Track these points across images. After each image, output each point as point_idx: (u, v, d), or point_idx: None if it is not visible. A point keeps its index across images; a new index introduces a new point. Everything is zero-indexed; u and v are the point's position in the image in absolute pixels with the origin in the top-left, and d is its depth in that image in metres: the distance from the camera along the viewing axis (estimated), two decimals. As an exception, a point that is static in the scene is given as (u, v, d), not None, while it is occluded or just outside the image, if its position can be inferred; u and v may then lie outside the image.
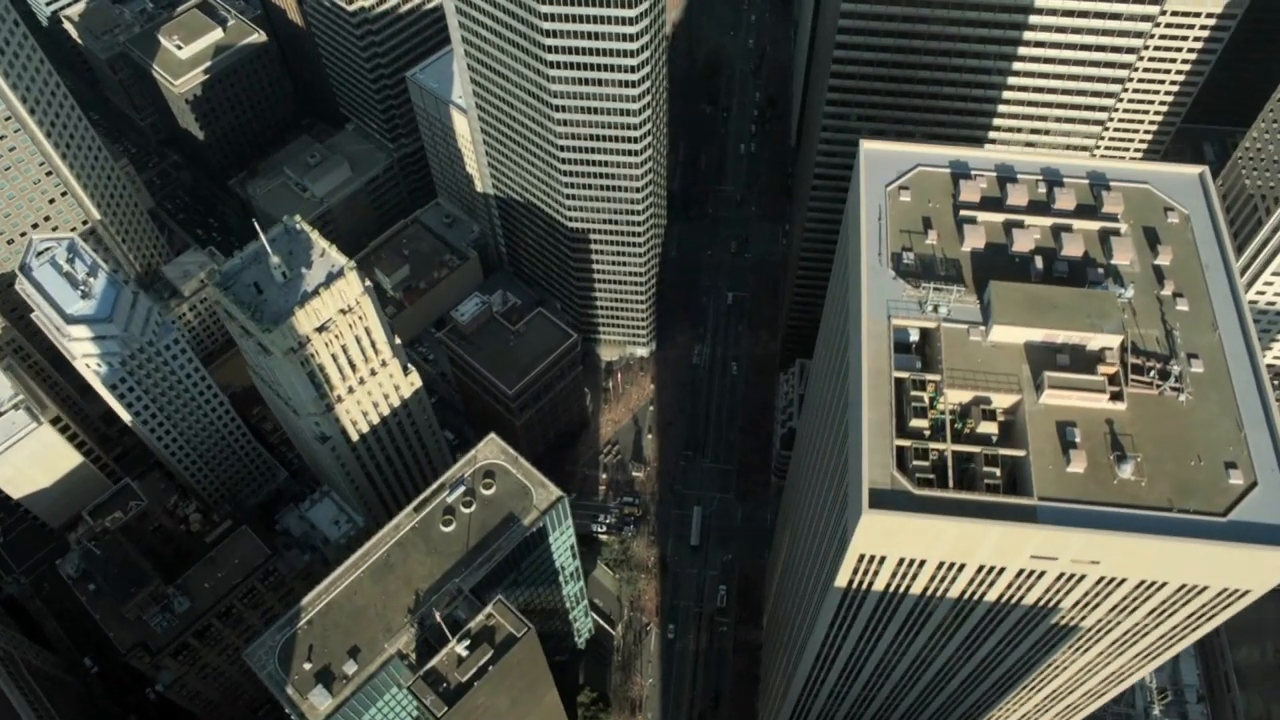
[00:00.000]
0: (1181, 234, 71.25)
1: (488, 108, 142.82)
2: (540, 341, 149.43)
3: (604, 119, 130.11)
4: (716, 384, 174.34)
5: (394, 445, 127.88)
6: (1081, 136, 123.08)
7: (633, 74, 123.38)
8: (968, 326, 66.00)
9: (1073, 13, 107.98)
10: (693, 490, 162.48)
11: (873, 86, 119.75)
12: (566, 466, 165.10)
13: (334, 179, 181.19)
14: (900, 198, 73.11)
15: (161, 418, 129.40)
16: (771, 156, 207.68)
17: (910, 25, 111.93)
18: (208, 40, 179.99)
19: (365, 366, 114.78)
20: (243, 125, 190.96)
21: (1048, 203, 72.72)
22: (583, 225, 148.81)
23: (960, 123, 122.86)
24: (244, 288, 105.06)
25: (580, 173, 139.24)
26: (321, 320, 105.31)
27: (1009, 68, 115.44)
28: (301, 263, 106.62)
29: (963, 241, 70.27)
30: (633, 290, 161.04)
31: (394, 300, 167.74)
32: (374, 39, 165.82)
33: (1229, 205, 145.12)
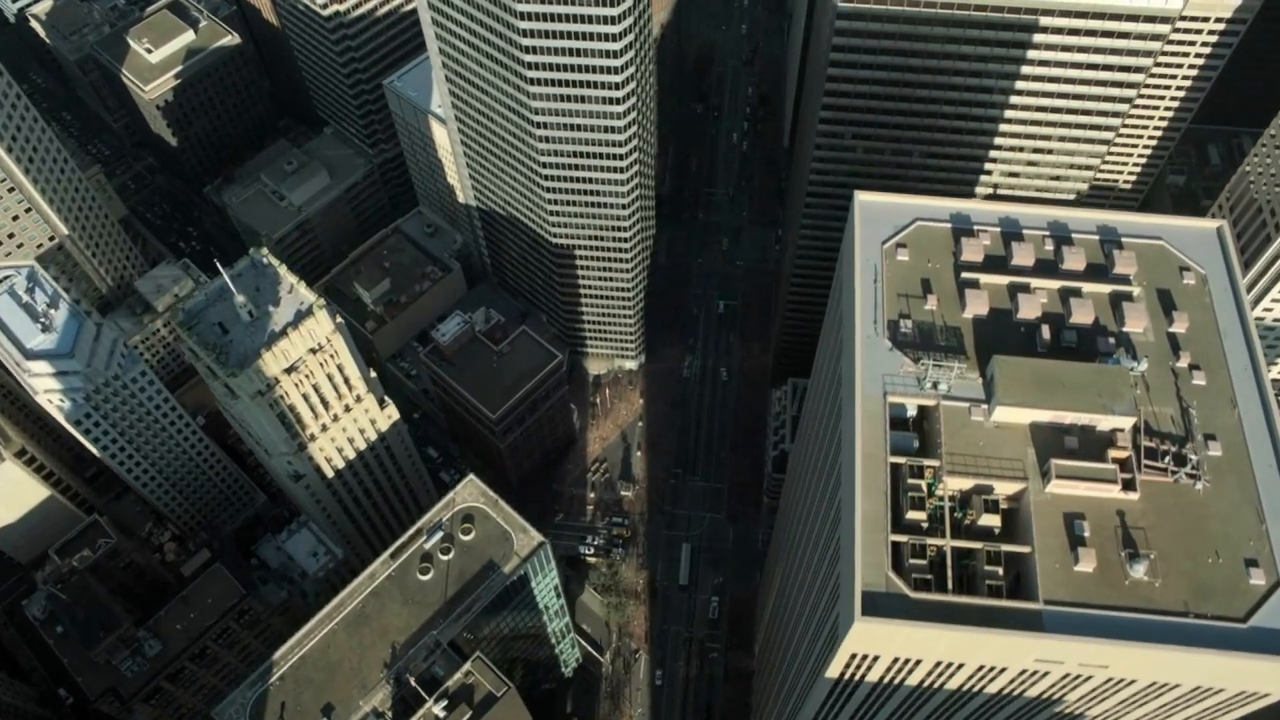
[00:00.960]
0: (1198, 297, 66.61)
1: (467, 121, 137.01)
2: (525, 361, 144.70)
3: (588, 136, 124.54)
4: (707, 398, 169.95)
5: (372, 479, 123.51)
6: (1086, 155, 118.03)
7: (617, 91, 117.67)
8: (969, 405, 61.53)
9: (1079, 31, 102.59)
10: (682, 510, 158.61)
11: (868, 105, 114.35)
12: (553, 485, 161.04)
13: (312, 187, 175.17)
14: (898, 257, 68.32)
15: (131, 449, 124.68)
16: (764, 157, 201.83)
17: (908, 43, 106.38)
18: (179, 43, 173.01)
19: (339, 403, 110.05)
20: (217, 131, 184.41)
21: (1055, 262, 68.06)
22: (567, 241, 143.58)
23: (960, 141, 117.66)
24: (208, 327, 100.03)
25: (563, 189, 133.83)
26: (290, 361, 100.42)
27: (1011, 86, 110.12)
28: (269, 299, 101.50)
29: (964, 308, 65.59)
30: (620, 305, 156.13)
31: (374, 315, 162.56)
32: (350, 43, 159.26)
33: (1236, 219, 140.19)
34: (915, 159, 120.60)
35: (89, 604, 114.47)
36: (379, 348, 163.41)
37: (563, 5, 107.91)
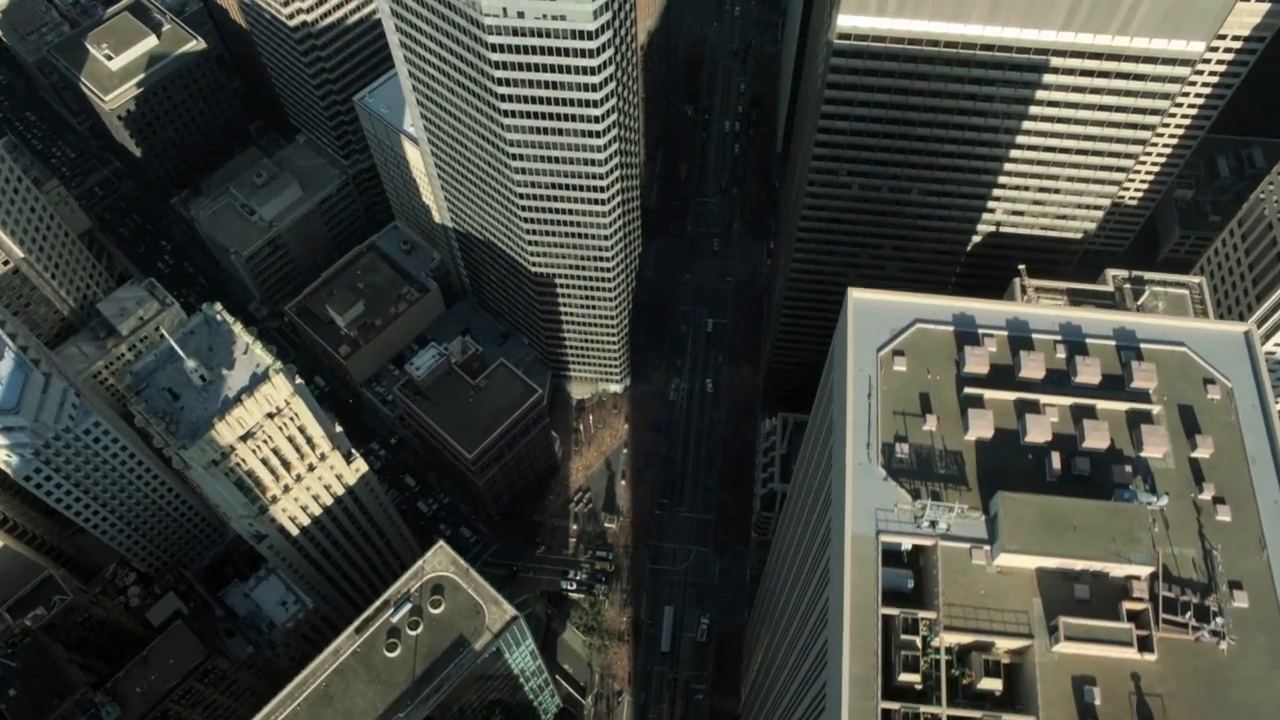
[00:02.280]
0: (1224, 415, 60.64)
1: (440, 145, 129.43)
2: (503, 396, 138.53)
3: (567, 168, 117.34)
4: (695, 423, 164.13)
5: (342, 532, 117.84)
6: (1095, 195, 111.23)
7: (597, 124, 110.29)
8: (970, 546, 55.76)
9: (1092, 72, 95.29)
10: (668, 543, 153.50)
11: (865, 142, 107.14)
12: (534, 517, 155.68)
13: (284, 200, 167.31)
14: (895, 366, 62.11)
15: (88, 499, 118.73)
16: (756, 165, 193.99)
17: (908, 81, 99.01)
18: (141, 49, 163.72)
19: (301, 464, 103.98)
20: (184, 140, 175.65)
21: (1068, 373, 61.90)
22: (547, 270, 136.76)
23: (962, 179, 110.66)
24: (158, 392, 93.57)
25: (542, 220, 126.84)
26: (246, 428, 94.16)
27: (1018, 126, 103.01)
28: (222, 361, 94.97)
29: (967, 429, 59.55)
30: (604, 331, 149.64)
31: (348, 339, 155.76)
32: (319, 53, 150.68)
33: (1249, 246, 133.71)
34: (914, 196, 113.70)
35: (43, 667, 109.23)
36: (353, 373, 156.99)
37: (538, 38, 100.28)
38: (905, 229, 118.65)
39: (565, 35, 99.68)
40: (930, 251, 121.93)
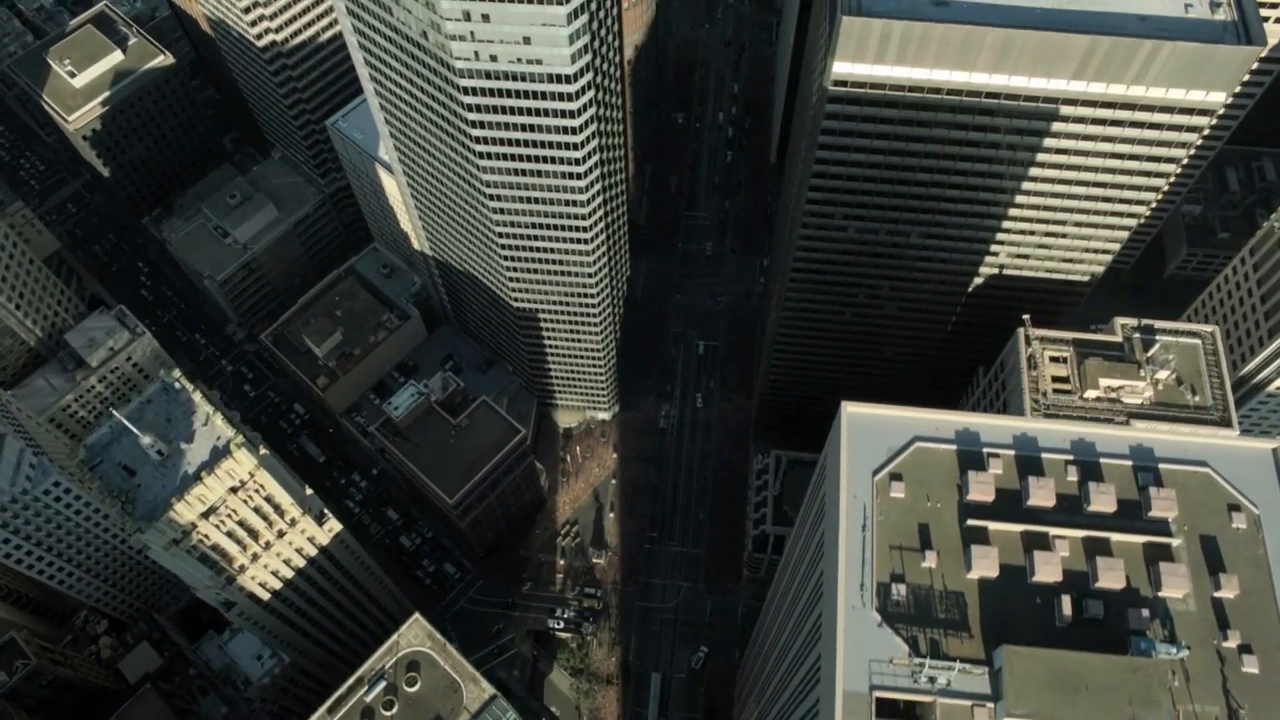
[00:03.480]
0: (1250, 547, 55.77)
1: (416, 179, 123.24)
2: (485, 437, 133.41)
3: (547, 209, 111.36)
4: (685, 452, 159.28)
5: (318, 590, 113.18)
6: (1105, 240, 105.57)
7: (578, 166, 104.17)
8: (972, 704, 51.12)
9: (1105, 121, 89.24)
10: (658, 579, 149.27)
11: (861, 187, 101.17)
12: (520, 552, 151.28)
13: (258, 221, 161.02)
14: (892, 493, 57.08)
15: (51, 557, 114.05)
16: (750, 177, 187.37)
17: (908, 128, 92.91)
18: (105, 65, 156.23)
19: (270, 531, 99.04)
20: (154, 157, 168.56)
21: (1080, 500, 56.92)
22: (530, 305, 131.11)
23: (964, 224, 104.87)
24: (113, 467, 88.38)
25: (522, 259, 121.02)
26: (208, 504, 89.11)
27: (1024, 172, 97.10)
28: (181, 435, 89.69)
29: (970, 567, 54.68)
30: (591, 362, 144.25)
31: (326, 369, 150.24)
32: (290, 73, 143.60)
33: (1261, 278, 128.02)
34: (914, 239, 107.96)
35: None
36: (332, 404, 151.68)
37: (513, 82, 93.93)
38: (904, 270, 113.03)
39: (542, 79, 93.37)
40: (930, 292, 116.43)
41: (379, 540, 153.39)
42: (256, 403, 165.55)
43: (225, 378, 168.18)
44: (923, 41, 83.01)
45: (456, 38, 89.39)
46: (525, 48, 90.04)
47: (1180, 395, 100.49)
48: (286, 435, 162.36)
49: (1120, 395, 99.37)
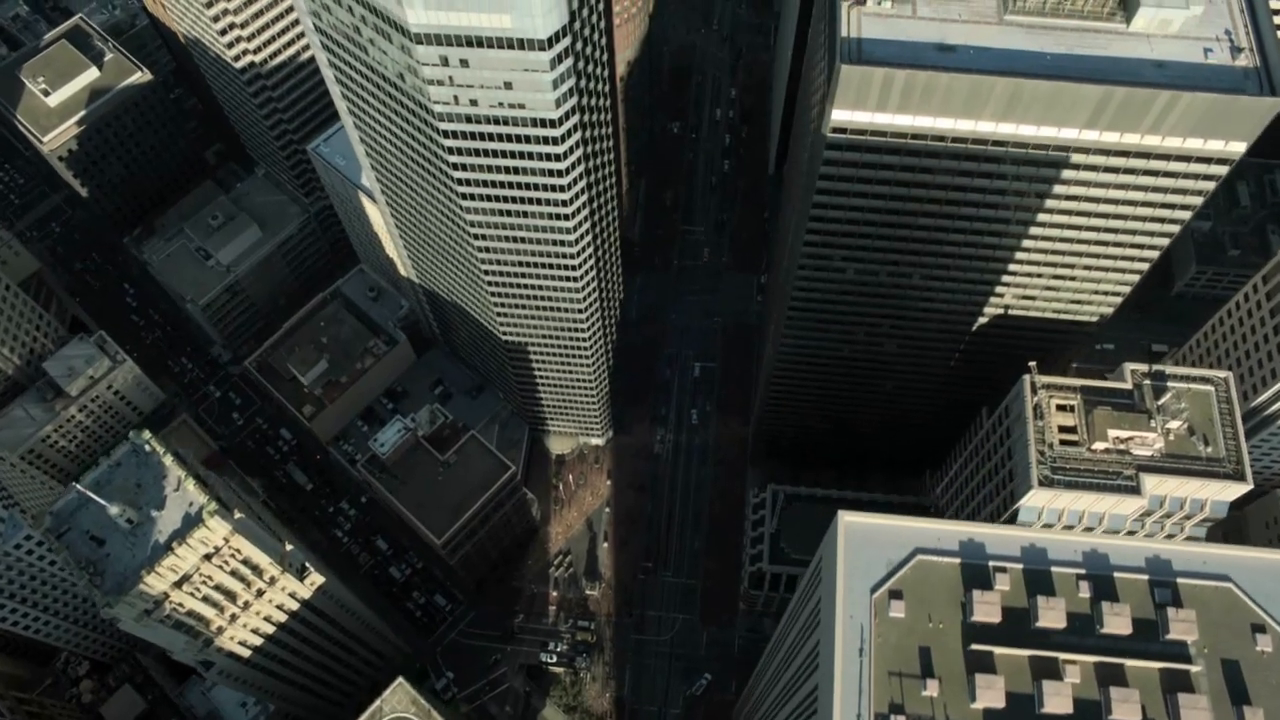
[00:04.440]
0: (1276, 674, 52.17)
1: (400, 212, 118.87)
2: (474, 474, 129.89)
3: (534, 248, 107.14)
4: (680, 479, 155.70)
5: (301, 640, 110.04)
6: (1115, 284, 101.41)
7: (565, 208, 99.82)
8: None
9: (1118, 170, 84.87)
10: (653, 611, 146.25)
11: (862, 230, 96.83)
12: (512, 583, 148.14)
13: (241, 243, 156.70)
14: (891, 612, 53.46)
15: (25, 609, 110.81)
16: (747, 188, 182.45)
17: (911, 174, 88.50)
18: (81, 82, 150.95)
19: (249, 591, 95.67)
20: (133, 177, 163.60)
21: (1092, 621, 53.30)
22: (519, 339, 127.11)
23: (968, 266, 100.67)
24: (80, 536, 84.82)
25: (510, 294, 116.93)
26: (181, 574, 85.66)
27: (1032, 218, 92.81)
28: (151, 501, 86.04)
29: (974, 697, 51.15)
30: (583, 392, 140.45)
31: (311, 397, 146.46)
32: (270, 94, 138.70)
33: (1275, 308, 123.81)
34: (916, 280, 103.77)
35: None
36: (318, 433, 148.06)
37: (495, 125, 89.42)
38: (906, 310, 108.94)
39: (526, 124, 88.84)
40: (933, 331, 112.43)
41: (368, 571, 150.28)
42: (243, 428, 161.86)
43: (212, 402, 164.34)
44: (926, 91, 78.52)
45: (434, 82, 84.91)
46: (507, 92, 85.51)
47: (1192, 446, 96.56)
48: (274, 461, 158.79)
49: (1130, 447, 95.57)
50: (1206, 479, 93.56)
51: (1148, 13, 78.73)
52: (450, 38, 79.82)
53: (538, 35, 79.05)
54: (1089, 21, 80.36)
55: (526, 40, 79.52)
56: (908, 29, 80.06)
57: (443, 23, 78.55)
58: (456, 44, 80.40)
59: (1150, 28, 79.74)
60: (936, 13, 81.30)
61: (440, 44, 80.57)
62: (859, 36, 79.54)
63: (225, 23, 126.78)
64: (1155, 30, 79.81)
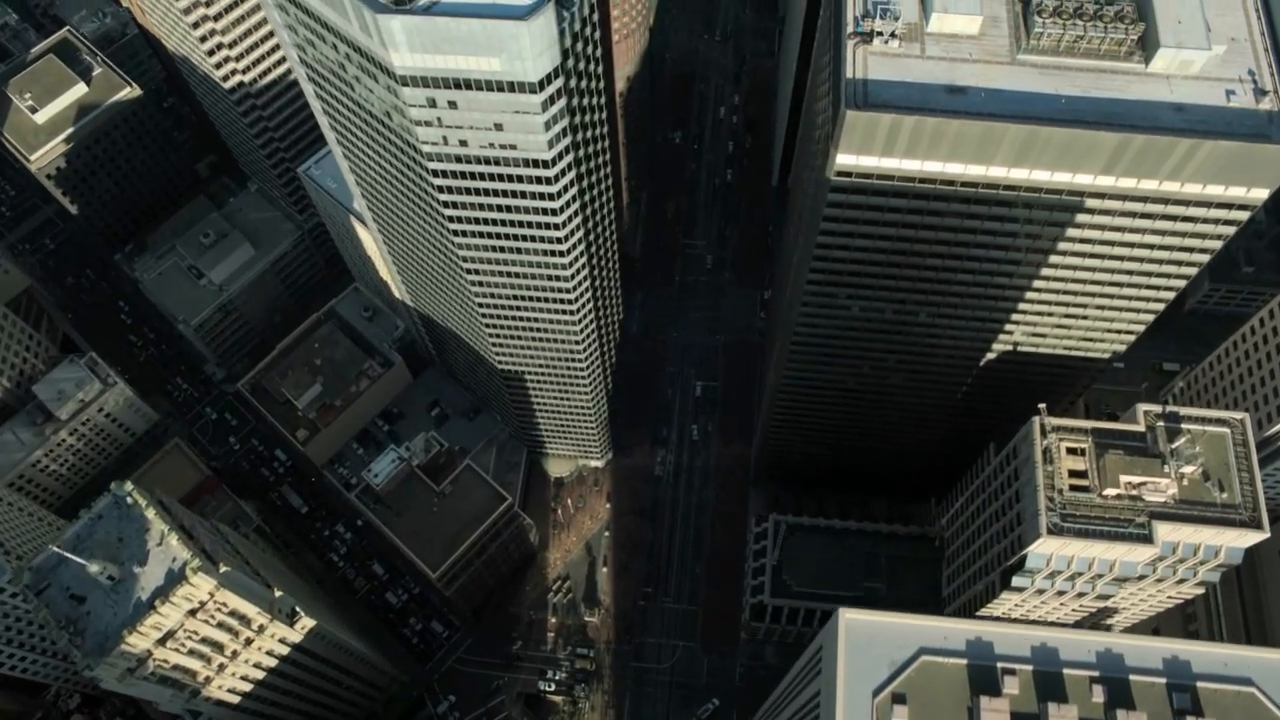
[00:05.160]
0: (1300, 788, 49.44)
1: (392, 239, 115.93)
2: (469, 505, 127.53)
3: (528, 282, 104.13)
4: (681, 503, 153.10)
5: (293, 682, 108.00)
6: (1128, 322, 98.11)
7: (560, 244, 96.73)
8: None
9: (1134, 214, 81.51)
10: (652, 638, 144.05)
11: (867, 270, 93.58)
12: (510, 609, 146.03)
13: (234, 261, 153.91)
14: (894, 716, 50.67)
15: (11, 650, 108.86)
16: (750, 200, 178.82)
17: (919, 217, 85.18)
18: (69, 98, 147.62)
19: (236, 641, 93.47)
20: (123, 193, 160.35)
21: (1107, 729, 50.56)
22: (515, 368, 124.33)
23: (977, 304, 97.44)
24: (60, 593, 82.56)
25: (505, 326, 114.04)
26: (164, 631, 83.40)
27: (1044, 260, 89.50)
28: (134, 556, 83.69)
29: (983, 815, 48.45)
30: (581, 418, 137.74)
31: (305, 421, 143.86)
32: (260, 113, 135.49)
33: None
34: (923, 318, 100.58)
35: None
36: (313, 457, 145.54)
37: (485, 165, 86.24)
38: (912, 345, 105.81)
39: (518, 164, 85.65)
40: (940, 365, 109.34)
41: (364, 596, 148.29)
42: (237, 449, 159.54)
43: (206, 422, 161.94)
44: (935, 136, 75.11)
45: (422, 123, 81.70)
46: (497, 134, 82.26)
47: (1207, 492, 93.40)
48: (268, 483, 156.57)
49: (1142, 493, 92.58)
50: (1221, 527, 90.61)
51: (1168, 53, 75.09)
52: (438, 80, 76.60)
53: (529, 78, 75.77)
54: (1106, 61, 76.75)
55: (517, 83, 76.22)
56: (916, 69, 76.55)
57: (429, 65, 75.29)
58: (444, 86, 77.19)
59: (1170, 69, 76.13)
60: (946, 51, 77.76)
61: (427, 86, 77.36)
62: (865, 78, 76.04)
63: (213, 43, 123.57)
64: (1175, 71, 76.20)
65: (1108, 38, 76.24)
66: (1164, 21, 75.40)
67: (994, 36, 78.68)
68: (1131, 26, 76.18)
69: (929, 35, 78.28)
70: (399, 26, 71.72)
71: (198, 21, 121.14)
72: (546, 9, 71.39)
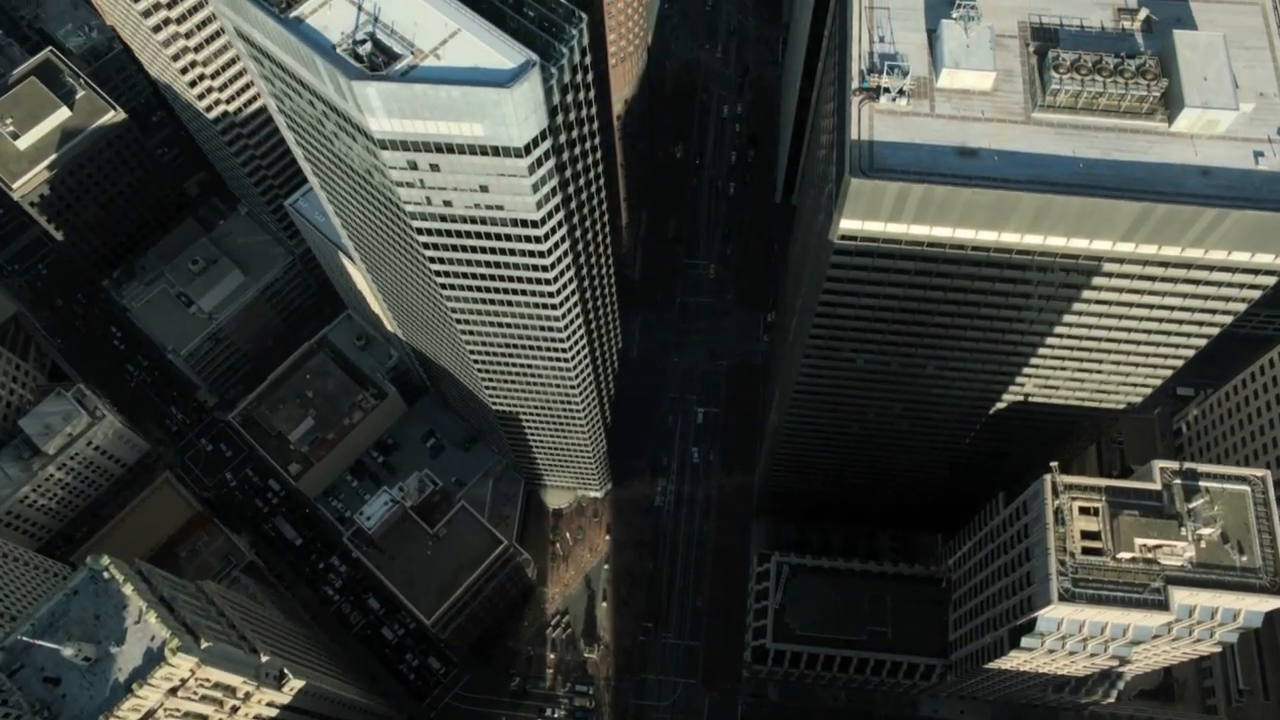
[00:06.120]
0: None
1: (382, 283, 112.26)
2: (465, 548, 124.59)
3: (520, 333, 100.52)
4: (682, 533, 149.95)
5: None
6: (1145, 376, 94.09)
7: (552, 298, 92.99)
8: None
9: (1155, 278, 77.37)
10: (653, 674, 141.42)
11: (872, 326, 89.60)
12: (508, 644, 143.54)
13: (224, 289, 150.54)
14: None
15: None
16: (754, 218, 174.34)
17: (926, 279, 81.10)
18: (51, 123, 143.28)
19: (222, 710, 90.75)
20: (109, 217, 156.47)
21: None
22: (509, 409, 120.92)
23: (986, 359, 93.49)
24: (34, 674, 79.75)
25: (498, 371, 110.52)
26: (144, 711, 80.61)
27: (1057, 319, 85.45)
28: (111, 635, 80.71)
29: None
30: (578, 453, 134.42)
31: (298, 455, 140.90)
32: (246, 142, 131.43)
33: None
34: (930, 370, 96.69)
35: None
36: (305, 491, 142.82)
37: (472, 224, 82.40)
38: (919, 394, 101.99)
39: (505, 223, 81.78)
40: (949, 413, 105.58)
41: (360, 631, 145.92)
42: (230, 478, 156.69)
43: (199, 450, 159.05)
44: (945, 204, 70.98)
45: (404, 185, 77.84)
46: (483, 195, 78.36)
47: (1225, 555, 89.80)
48: (262, 514, 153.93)
49: (1158, 556, 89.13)
50: (1241, 592, 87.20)
51: (1192, 113, 70.62)
52: (418, 144, 72.65)
53: (514, 144, 71.78)
54: (1127, 120, 72.34)
55: (502, 148, 72.20)
56: (925, 129, 72.24)
57: (409, 130, 71.35)
58: (425, 150, 73.24)
59: (1195, 128, 71.69)
60: (957, 109, 73.41)
61: (407, 150, 73.45)
62: (871, 139, 71.79)
63: (195, 74, 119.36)
64: (1200, 130, 71.77)
65: (1129, 94, 71.74)
66: (1189, 78, 70.86)
67: (1007, 92, 74.30)
68: (1154, 83, 71.65)
69: (939, 91, 73.99)
70: (375, 93, 67.79)
71: (178, 54, 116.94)
72: (531, 74, 67.28)
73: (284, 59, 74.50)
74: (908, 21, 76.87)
